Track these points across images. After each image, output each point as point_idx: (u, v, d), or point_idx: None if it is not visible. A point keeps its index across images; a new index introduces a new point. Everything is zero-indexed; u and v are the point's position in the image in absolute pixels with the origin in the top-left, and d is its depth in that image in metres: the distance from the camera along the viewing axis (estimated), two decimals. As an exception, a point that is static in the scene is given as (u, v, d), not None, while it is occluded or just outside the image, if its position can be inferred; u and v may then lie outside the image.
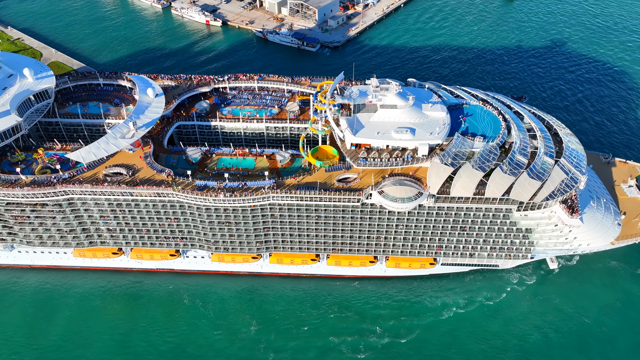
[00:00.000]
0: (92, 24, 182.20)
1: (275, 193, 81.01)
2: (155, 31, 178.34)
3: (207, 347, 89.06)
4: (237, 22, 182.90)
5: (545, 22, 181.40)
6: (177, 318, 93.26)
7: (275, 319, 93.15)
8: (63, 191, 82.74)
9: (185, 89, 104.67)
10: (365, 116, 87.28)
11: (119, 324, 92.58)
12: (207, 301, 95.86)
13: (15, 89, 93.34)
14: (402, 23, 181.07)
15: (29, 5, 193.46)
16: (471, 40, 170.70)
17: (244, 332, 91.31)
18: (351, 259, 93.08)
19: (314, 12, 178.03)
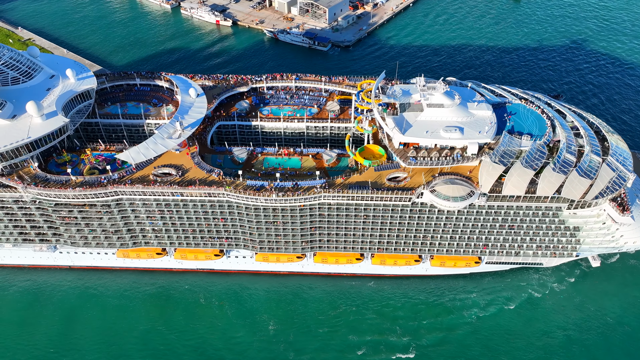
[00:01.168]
0: (101, 24, 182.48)
1: (327, 192, 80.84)
2: (166, 31, 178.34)
3: (226, 350, 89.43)
4: (247, 21, 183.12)
5: (557, 21, 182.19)
6: (196, 317, 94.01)
7: (322, 318, 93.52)
8: (114, 192, 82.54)
9: (224, 89, 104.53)
10: (412, 115, 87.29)
11: (146, 324, 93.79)
12: (224, 300, 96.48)
13: (58, 90, 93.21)
14: (412, 22, 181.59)
15: (38, 5, 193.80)
16: (485, 39, 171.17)
17: (266, 331, 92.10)
18: (396, 258, 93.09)
19: (324, 11, 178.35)
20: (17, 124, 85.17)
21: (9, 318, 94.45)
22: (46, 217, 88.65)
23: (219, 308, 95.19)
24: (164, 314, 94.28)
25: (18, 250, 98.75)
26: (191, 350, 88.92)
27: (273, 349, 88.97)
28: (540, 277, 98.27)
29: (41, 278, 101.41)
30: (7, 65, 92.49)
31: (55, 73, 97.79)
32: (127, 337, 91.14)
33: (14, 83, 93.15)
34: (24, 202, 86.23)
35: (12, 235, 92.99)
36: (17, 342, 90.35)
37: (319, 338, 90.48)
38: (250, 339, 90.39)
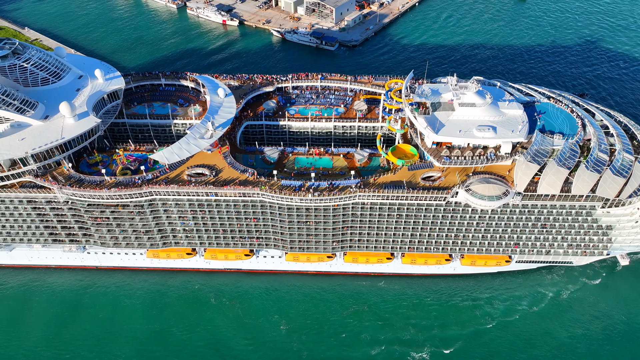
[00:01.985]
0: (107, 24, 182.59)
1: (362, 192, 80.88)
2: (172, 31, 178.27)
3: (238, 350, 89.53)
4: (253, 21, 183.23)
5: (567, 20, 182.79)
6: (206, 317, 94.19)
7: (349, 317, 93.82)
8: (148, 192, 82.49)
9: (249, 89, 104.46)
10: (443, 114, 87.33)
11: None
12: (235, 299, 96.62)
13: (88, 90, 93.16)
14: (419, 22, 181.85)
15: (44, 5, 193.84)
16: (493, 38, 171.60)
17: (278, 331, 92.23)
18: (427, 257, 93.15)
19: (331, 10, 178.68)
20: (50, 125, 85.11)
21: (49, 317, 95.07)
22: (78, 217, 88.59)
23: (231, 308, 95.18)
24: (176, 314, 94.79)
25: (46, 250, 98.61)
26: (203, 350, 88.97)
27: (287, 349, 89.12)
28: (569, 275, 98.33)
29: (72, 278, 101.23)
30: (37, 65, 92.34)
31: (83, 73, 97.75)
32: (141, 337, 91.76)
33: (44, 84, 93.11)
34: (57, 203, 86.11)
35: (42, 235, 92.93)
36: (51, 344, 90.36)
37: (333, 338, 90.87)
38: (264, 339, 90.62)
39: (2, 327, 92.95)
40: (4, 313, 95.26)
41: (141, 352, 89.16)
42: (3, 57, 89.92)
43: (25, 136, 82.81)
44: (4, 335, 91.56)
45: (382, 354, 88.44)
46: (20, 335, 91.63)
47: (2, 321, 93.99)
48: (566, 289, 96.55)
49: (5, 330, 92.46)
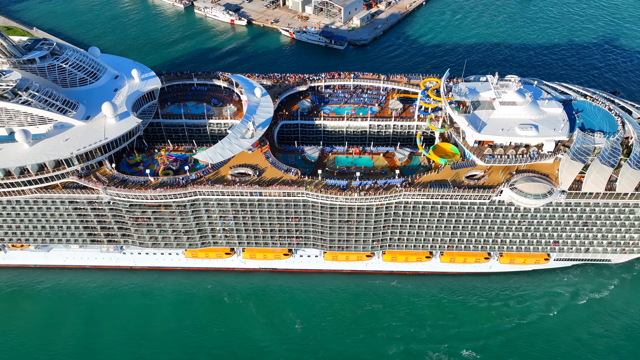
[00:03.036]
0: (114, 24, 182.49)
1: (408, 191, 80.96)
2: (180, 31, 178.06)
3: (254, 350, 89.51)
4: (261, 21, 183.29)
5: (580, 18, 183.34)
6: (219, 316, 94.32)
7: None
8: (193, 192, 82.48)
9: (283, 88, 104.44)
10: (484, 113, 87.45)
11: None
12: (248, 298, 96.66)
13: (126, 90, 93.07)
14: (427, 20, 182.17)
15: (50, 5, 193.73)
16: (502, 37, 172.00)
17: (293, 330, 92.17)
18: (466, 256, 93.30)
19: (339, 9, 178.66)
20: (92, 125, 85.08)
21: (83, 316, 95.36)
22: (118, 218, 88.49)
23: (245, 307, 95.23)
24: (189, 313, 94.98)
25: (82, 251, 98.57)
26: (218, 348, 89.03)
27: (304, 349, 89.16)
28: (605, 273, 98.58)
29: (106, 279, 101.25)
30: (75, 66, 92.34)
31: (119, 73, 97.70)
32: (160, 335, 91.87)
33: (82, 84, 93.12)
34: (98, 203, 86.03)
35: (81, 236, 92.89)
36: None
37: (349, 337, 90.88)
38: (279, 338, 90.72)
39: (40, 326, 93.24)
40: (41, 313, 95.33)
41: (153, 352, 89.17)
42: (42, 58, 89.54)
43: (69, 137, 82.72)
44: (42, 334, 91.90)
45: (399, 353, 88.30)
46: (56, 333, 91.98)
47: (40, 320, 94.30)
48: (604, 287, 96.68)
49: (44, 328, 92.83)
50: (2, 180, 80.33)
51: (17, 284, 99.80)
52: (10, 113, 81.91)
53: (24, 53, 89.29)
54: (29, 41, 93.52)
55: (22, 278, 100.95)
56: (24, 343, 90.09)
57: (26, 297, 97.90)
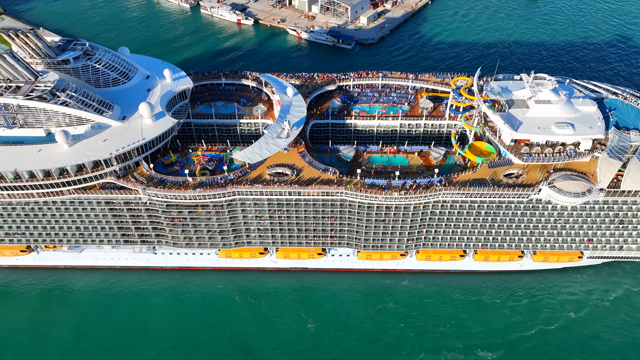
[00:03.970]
0: (119, 23, 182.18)
1: (447, 190, 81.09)
2: (186, 31, 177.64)
3: (269, 349, 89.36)
4: (268, 20, 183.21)
5: (592, 18, 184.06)
6: (234, 315, 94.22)
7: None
8: (232, 192, 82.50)
9: (312, 88, 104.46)
10: (519, 112, 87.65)
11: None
12: (260, 297, 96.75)
13: (159, 90, 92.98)
14: (434, 19, 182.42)
15: (55, 5, 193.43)
16: (510, 35, 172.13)
17: (306, 329, 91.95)
18: (500, 254, 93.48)
19: (345, 9, 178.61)
20: (129, 126, 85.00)
21: (117, 316, 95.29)
22: (154, 218, 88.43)
23: (257, 305, 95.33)
24: (203, 313, 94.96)
25: (113, 252, 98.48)
26: (233, 348, 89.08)
27: (319, 350, 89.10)
28: (637, 271, 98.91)
29: (136, 279, 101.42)
30: (107, 66, 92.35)
31: (150, 73, 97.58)
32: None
33: (115, 84, 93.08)
34: (135, 204, 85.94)
35: (115, 236, 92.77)
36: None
37: (362, 336, 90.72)
38: (293, 337, 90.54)
39: (75, 325, 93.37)
40: (77, 313, 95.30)
41: (165, 351, 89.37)
42: (76, 59, 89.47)
43: (107, 137, 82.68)
44: (77, 333, 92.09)
45: (414, 353, 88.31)
46: (89, 333, 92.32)
47: (74, 320, 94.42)
48: (636, 285, 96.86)
49: (78, 327, 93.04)
50: (42, 181, 79.94)
51: (53, 284, 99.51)
52: (49, 114, 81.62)
53: (58, 54, 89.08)
54: (62, 41, 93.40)
55: (56, 278, 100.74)
56: (59, 344, 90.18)
57: (59, 297, 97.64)
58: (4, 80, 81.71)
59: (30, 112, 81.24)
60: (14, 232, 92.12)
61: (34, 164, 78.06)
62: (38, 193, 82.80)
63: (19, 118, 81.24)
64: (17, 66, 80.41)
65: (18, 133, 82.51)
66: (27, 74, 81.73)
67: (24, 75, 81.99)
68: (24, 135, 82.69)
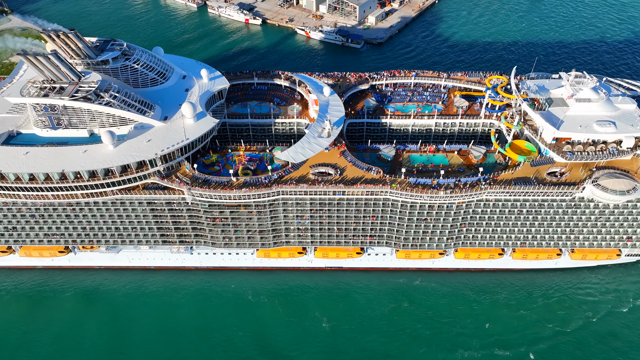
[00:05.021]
0: (126, 23, 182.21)
1: (493, 188, 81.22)
2: (194, 31, 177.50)
3: (285, 349, 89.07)
4: (276, 20, 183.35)
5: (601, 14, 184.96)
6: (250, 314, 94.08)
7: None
8: (277, 192, 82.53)
9: (345, 87, 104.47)
10: (558, 110, 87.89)
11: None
12: (273, 297, 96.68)
13: (197, 90, 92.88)
14: (442, 18, 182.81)
15: (62, 6, 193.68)
16: (519, 34, 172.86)
17: (321, 328, 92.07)
18: (538, 252, 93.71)
19: (353, 8, 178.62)
20: (171, 126, 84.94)
21: (150, 316, 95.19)
22: (195, 218, 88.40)
23: (270, 305, 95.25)
24: (216, 312, 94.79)
25: (149, 252, 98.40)
26: (248, 345, 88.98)
27: (338, 350, 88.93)
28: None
29: (169, 279, 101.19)
30: (145, 66, 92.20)
31: (186, 73, 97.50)
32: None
33: (153, 84, 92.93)
34: (177, 204, 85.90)
35: (153, 237, 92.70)
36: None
37: (378, 335, 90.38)
38: (309, 336, 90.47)
39: (113, 325, 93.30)
40: (110, 313, 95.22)
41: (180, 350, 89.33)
42: (114, 59, 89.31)
43: (150, 138, 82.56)
44: (115, 332, 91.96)
45: (431, 352, 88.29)
46: (123, 333, 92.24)
47: (107, 320, 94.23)
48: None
49: (115, 326, 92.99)
50: (88, 182, 79.84)
51: (89, 284, 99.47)
52: (94, 114, 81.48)
53: (97, 54, 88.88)
54: (99, 41, 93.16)
55: (92, 278, 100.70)
56: (96, 344, 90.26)
57: (94, 297, 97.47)
58: (47, 81, 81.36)
59: (75, 113, 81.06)
60: (53, 233, 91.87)
61: (80, 165, 77.91)
62: (82, 194, 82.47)
63: (63, 119, 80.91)
64: (61, 67, 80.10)
65: (62, 134, 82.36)
66: (71, 74, 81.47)
67: (67, 76, 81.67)
68: (68, 136, 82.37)
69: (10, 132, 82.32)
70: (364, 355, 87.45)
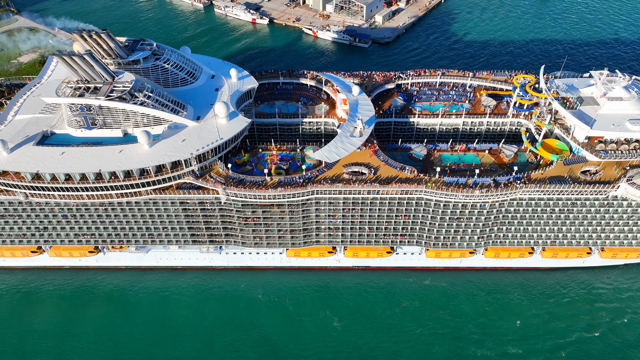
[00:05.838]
0: (133, 24, 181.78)
1: (527, 187, 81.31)
2: (200, 30, 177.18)
3: (297, 347, 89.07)
4: (283, 19, 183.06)
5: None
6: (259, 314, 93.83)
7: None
8: (312, 191, 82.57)
9: (372, 86, 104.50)
10: (590, 109, 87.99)
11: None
12: (283, 296, 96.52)
13: (227, 90, 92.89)
14: (448, 18, 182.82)
15: (67, 5, 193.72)
16: (527, 33, 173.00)
17: (333, 328, 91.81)
18: (568, 251, 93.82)
19: (360, 7, 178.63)
20: (205, 125, 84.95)
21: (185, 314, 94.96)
22: (227, 217, 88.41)
23: (280, 304, 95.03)
24: (228, 311, 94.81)
25: (177, 252, 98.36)
26: (258, 345, 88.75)
27: (354, 347, 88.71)
28: None
29: (197, 279, 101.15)
30: (175, 66, 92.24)
31: (214, 73, 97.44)
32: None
33: (183, 84, 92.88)
34: (210, 204, 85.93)
35: (184, 236, 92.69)
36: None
37: (390, 334, 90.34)
38: (321, 335, 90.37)
39: (148, 325, 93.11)
40: (146, 314, 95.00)
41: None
42: (145, 59, 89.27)
43: (185, 137, 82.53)
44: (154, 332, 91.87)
45: (444, 352, 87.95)
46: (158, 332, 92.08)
47: (146, 322, 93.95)
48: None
49: (152, 326, 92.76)
50: (123, 182, 79.82)
51: (118, 284, 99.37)
52: (128, 114, 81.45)
53: (128, 54, 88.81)
54: (128, 41, 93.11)
55: (121, 278, 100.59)
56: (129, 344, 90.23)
57: (123, 297, 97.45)
58: (81, 81, 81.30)
59: (110, 112, 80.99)
60: (84, 233, 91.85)
61: (117, 165, 77.88)
62: (117, 194, 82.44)
63: (99, 119, 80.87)
64: (95, 67, 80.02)
65: (96, 134, 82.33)
66: (105, 74, 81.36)
67: (101, 76, 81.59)
68: (102, 136, 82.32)
69: (44, 132, 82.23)
70: (375, 354, 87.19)
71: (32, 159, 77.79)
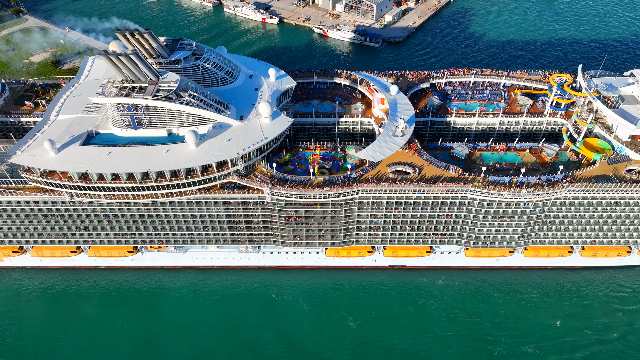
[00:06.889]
0: (142, 23, 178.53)
1: (574, 186, 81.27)
2: (210, 30, 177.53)
3: (313, 347, 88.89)
4: (292, 19, 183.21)
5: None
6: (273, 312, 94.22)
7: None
8: (357, 191, 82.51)
9: (407, 85, 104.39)
10: (632, 108, 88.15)
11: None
12: (297, 295, 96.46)
13: (266, 90, 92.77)
14: (458, 17, 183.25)
15: (77, 5, 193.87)
16: (538, 33, 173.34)
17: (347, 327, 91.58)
18: (608, 250, 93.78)
19: (370, 7, 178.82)
20: (249, 125, 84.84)
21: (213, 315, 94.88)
22: (268, 217, 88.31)
23: (294, 304, 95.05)
24: (240, 310, 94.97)
25: (214, 252, 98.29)
26: (275, 343, 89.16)
27: (373, 346, 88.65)
28: None
29: (233, 279, 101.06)
30: (215, 66, 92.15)
31: (252, 72, 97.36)
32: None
33: (223, 84, 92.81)
34: (253, 203, 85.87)
35: (224, 236, 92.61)
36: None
37: (404, 332, 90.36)
38: (337, 334, 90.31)
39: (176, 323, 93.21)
40: (174, 314, 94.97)
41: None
42: (186, 58, 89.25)
43: (230, 137, 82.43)
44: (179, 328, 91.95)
45: (461, 350, 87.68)
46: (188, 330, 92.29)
47: (175, 320, 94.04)
48: None
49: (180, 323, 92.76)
50: (170, 181, 79.74)
51: (155, 283, 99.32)
52: (173, 114, 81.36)
53: (170, 54, 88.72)
54: (167, 41, 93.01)
55: (157, 278, 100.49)
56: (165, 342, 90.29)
57: (159, 297, 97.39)
58: (126, 81, 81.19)
59: (155, 112, 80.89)
60: (124, 233, 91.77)
61: (165, 164, 77.78)
62: (162, 194, 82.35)
63: (144, 119, 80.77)
64: (140, 66, 79.90)
65: (141, 133, 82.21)
66: (150, 74, 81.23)
67: (146, 75, 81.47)
68: (148, 136, 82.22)
69: (89, 132, 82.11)
70: (394, 354, 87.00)
71: (79, 159, 77.69)
